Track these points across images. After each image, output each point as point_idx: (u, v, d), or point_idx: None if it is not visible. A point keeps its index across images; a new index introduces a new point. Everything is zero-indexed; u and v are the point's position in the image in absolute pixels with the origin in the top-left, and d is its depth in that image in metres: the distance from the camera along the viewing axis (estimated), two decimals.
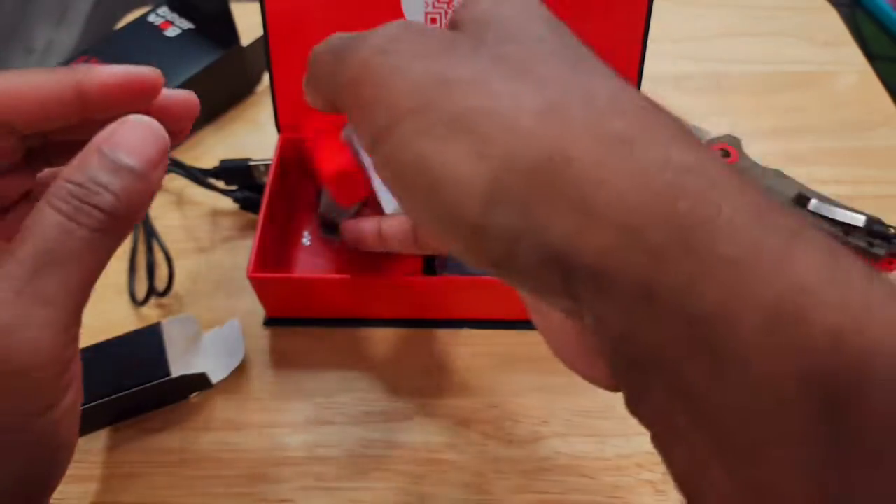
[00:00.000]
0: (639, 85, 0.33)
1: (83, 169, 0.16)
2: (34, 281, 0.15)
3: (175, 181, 0.39)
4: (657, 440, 0.14)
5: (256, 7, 0.48)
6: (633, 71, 0.31)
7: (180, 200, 0.39)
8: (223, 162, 0.37)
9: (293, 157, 0.35)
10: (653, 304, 0.12)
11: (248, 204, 0.37)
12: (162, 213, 0.38)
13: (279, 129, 0.33)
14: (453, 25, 0.17)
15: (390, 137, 0.15)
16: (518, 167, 0.13)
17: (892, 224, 0.35)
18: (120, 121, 0.17)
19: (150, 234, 0.36)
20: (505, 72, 0.14)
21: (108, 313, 0.32)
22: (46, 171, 0.20)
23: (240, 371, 0.31)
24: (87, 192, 0.16)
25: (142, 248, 0.36)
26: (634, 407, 0.14)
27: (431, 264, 0.31)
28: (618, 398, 0.31)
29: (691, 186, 0.12)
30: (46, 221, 0.16)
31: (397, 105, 0.14)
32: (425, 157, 0.14)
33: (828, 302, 0.11)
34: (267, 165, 0.37)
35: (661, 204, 0.12)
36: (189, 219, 0.38)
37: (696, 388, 0.12)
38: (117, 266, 0.36)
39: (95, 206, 0.16)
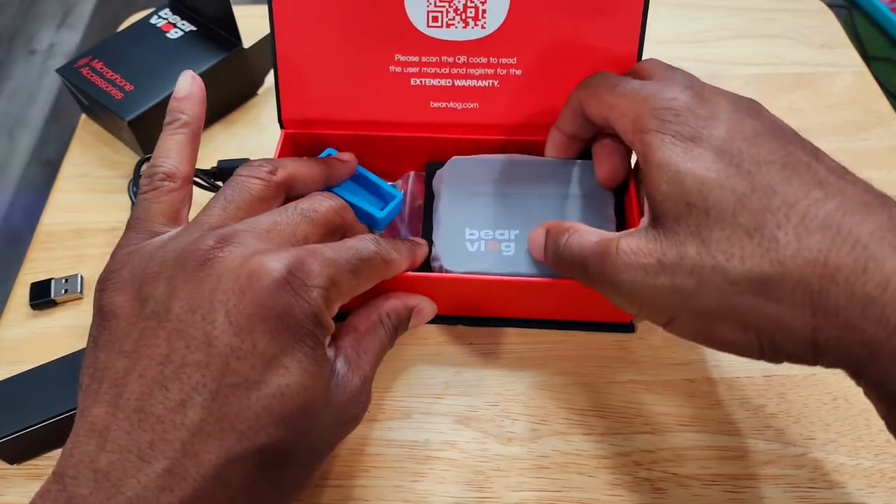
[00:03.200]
0: None
1: (403, 315, 0.29)
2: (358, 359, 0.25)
3: None
4: None
5: (259, 9, 0.48)
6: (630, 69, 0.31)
7: None
8: (221, 162, 0.37)
9: (294, 153, 0.35)
10: None
11: None
12: None
13: (282, 125, 0.34)
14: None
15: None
16: None
17: None
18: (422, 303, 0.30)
19: None
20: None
21: None
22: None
23: None
24: (398, 330, 0.29)
25: None
26: None
27: (426, 261, 0.31)
28: (615, 396, 0.31)
29: None
30: (380, 336, 0.27)
31: None
32: None
33: None
34: None
35: None
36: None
37: None
38: None
39: (395, 335, 0.29)
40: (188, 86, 0.27)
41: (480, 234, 0.30)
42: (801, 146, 0.22)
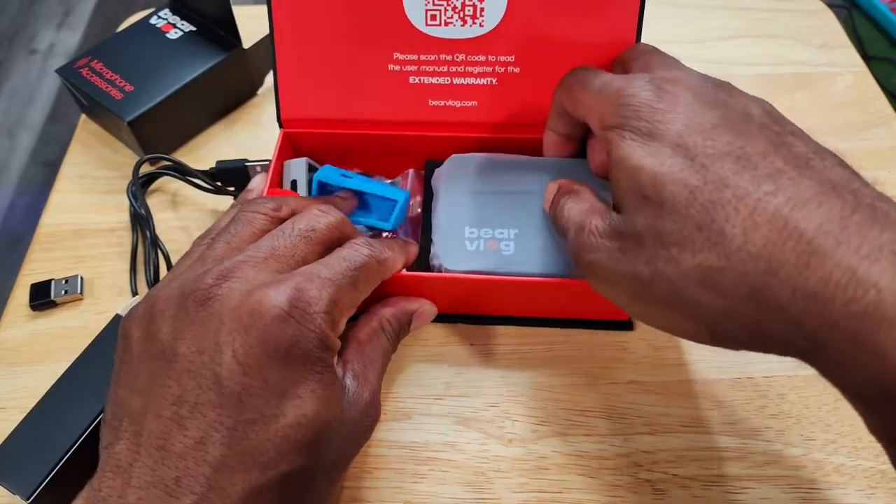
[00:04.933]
0: None
1: (404, 321, 0.30)
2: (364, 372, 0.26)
3: (173, 182, 0.40)
4: None
5: (259, 10, 0.48)
6: None
7: (178, 201, 0.39)
8: (219, 163, 0.37)
9: (293, 153, 0.35)
10: None
11: None
12: (159, 214, 0.38)
13: (281, 125, 0.34)
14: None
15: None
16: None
17: None
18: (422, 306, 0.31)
19: (153, 236, 0.36)
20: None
21: (111, 314, 0.32)
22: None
23: None
24: (400, 336, 0.29)
25: (141, 250, 0.37)
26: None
27: (425, 260, 0.31)
28: (616, 397, 0.31)
29: None
30: (383, 344, 0.28)
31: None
32: None
33: None
34: (264, 165, 0.37)
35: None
36: (186, 220, 0.38)
37: None
38: (120, 266, 0.37)
39: (396, 341, 0.29)
40: (259, 183, 0.32)
41: (480, 233, 0.30)
42: (764, 135, 0.21)
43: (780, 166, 0.20)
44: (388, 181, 0.36)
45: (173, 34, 0.42)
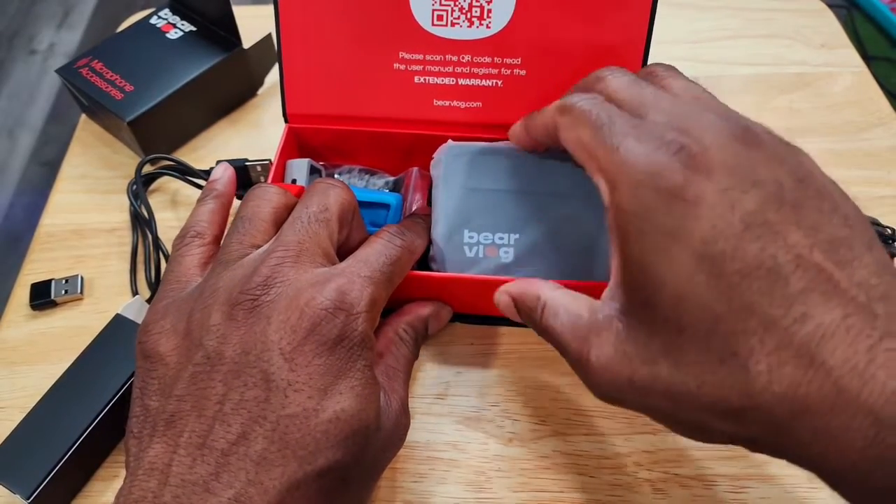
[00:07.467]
0: None
1: (419, 327, 0.30)
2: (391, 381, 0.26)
3: (173, 182, 0.40)
4: None
5: (258, 10, 0.48)
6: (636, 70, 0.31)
7: (178, 201, 0.39)
8: (219, 162, 0.37)
9: (299, 149, 0.35)
10: None
11: None
12: (159, 214, 0.38)
13: (287, 119, 0.34)
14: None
15: None
16: None
17: (890, 225, 0.36)
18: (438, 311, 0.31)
19: (155, 237, 0.36)
20: None
21: (111, 314, 0.32)
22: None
23: None
24: (419, 341, 0.30)
25: (141, 250, 0.37)
26: None
27: (424, 258, 0.31)
28: None
29: None
30: (403, 353, 0.28)
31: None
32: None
33: None
34: (264, 165, 0.37)
35: None
36: (185, 220, 0.38)
37: None
38: (121, 266, 0.37)
39: (416, 347, 0.30)
40: (221, 172, 0.31)
41: (479, 238, 0.30)
42: (797, 224, 0.19)
43: (811, 278, 0.18)
44: (392, 178, 0.36)
45: (173, 34, 0.42)
